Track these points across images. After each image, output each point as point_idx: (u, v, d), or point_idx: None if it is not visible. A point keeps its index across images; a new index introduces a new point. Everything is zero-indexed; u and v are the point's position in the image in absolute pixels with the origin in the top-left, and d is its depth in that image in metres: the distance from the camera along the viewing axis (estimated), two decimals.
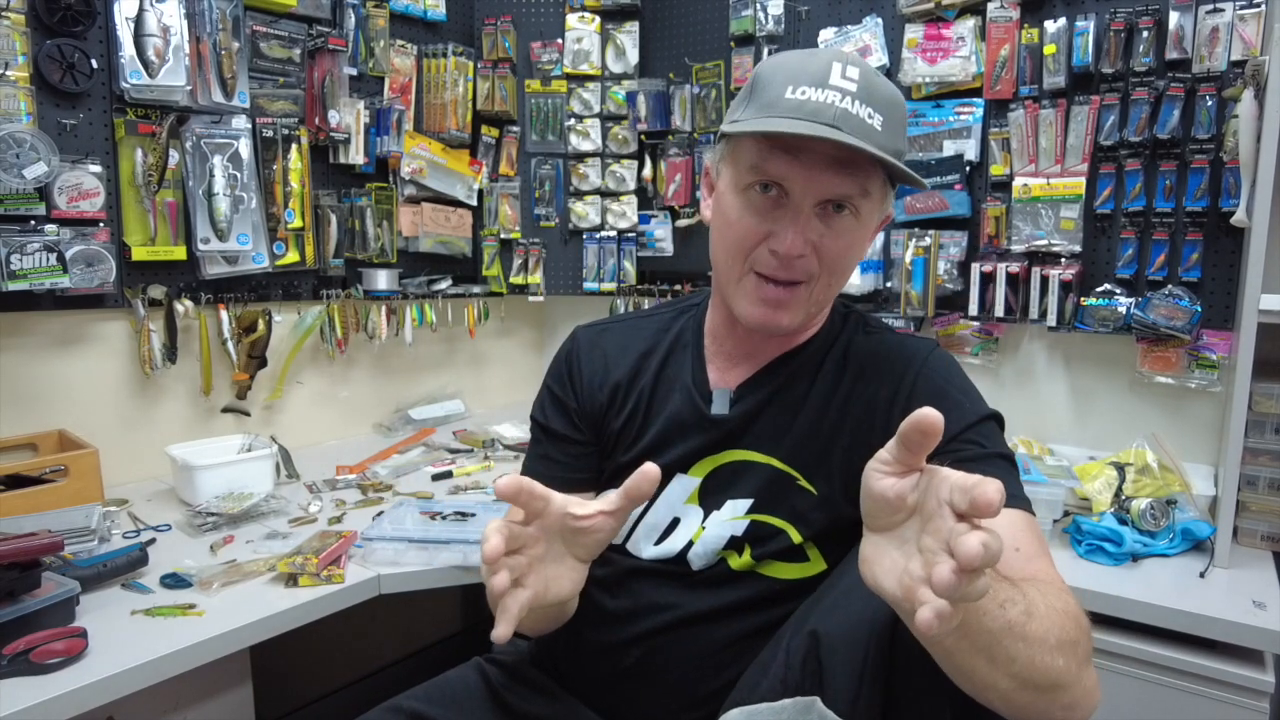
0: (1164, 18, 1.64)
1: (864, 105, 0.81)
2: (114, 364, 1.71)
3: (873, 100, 0.82)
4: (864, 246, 0.92)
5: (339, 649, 1.99)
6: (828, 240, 0.86)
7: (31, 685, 0.95)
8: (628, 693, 0.98)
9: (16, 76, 1.48)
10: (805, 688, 0.75)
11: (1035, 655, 0.64)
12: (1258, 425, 1.42)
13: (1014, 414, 1.87)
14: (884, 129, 0.82)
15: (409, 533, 1.33)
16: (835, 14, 2.04)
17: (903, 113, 0.87)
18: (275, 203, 1.86)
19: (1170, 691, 1.24)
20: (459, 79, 2.21)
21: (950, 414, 0.82)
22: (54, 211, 1.53)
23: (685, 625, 0.95)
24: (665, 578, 0.98)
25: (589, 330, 1.10)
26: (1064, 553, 1.44)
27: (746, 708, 0.79)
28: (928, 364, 0.91)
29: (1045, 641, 0.64)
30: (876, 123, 0.82)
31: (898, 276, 1.96)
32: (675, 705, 0.95)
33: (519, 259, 2.39)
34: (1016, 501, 0.81)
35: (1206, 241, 1.65)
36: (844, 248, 0.87)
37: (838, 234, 0.86)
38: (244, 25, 1.78)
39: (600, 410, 1.04)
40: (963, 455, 0.83)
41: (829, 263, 0.87)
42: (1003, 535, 0.71)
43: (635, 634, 0.97)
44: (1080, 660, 0.67)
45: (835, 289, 0.92)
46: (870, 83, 0.83)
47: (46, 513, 1.32)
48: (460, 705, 1.01)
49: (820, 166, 0.83)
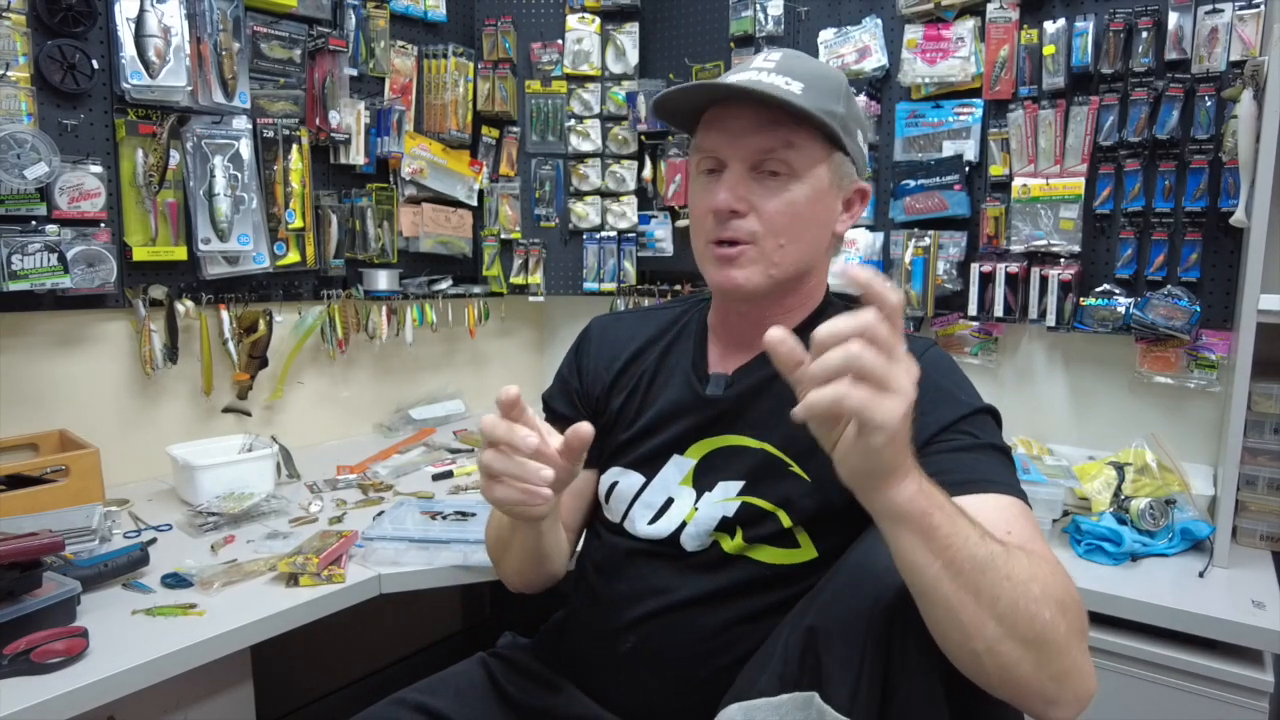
0: (1163, 18, 1.64)
1: (780, 75, 0.90)
2: (115, 364, 1.71)
3: (791, 72, 0.90)
4: (811, 208, 0.94)
5: (339, 649, 2.00)
6: (764, 200, 0.92)
7: (32, 685, 0.95)
8: (625, 679, 1.00)
9: (17, 77, 1.49)
10: (803, 683, 0.76)
11: (1020, 598, 0.65)
12: (1257, 425, 1.43)
13: (1013, 414, 1.89)
14: (804, 93, 0.89)
15: (409, 533, 1.33)
16: (835, 14, 2.04)
17: (832, 84, 0.94)
18: (276, 203, 1.87)
19: (1170, 691, 1.24)
20: (459, 79, 2.22)
21: (943, 406, 0.86)
22: (55, 212, 1.53)
23: (679, 610, 0.97)
24: (661, 561, 1.00)
25: (603, 319, 1.19)
26: (1063, 552, 1.44)
27: (745, 703, 0.79)
28: (923, 358, 0.90)
29: (1029, 587, 0.65)
30: (795, 88, 0.89)
31: (897, 276, 1.97)
32: (670, 691, 0.96)
33: (519, 259, 2.39)
34: (1010, 489, 0.82)
35: (1206, 241, 1.65)
36: (782, 205, 0.92)
37: (773, 193, 0.92)
38: (245, 26, 1.78)
39: (603, 390, 1.10)
40: (955, 445, 0.85)
41: (768, 221, 0.93)
42: (994, 520, 0.74)
43: (631, 619, 0.98)
44: (1070, 625, 0.67)
45: (791, 252, 0.94)
46: (792, 61, 0.92)
47: (47, 513, 1.32)
48: (464, 698, 1.03)
49: (745, 131, 0.91)
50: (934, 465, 0.78)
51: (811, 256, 0.97)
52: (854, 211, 0.99)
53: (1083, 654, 0.69)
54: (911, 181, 1.92)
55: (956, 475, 0.80)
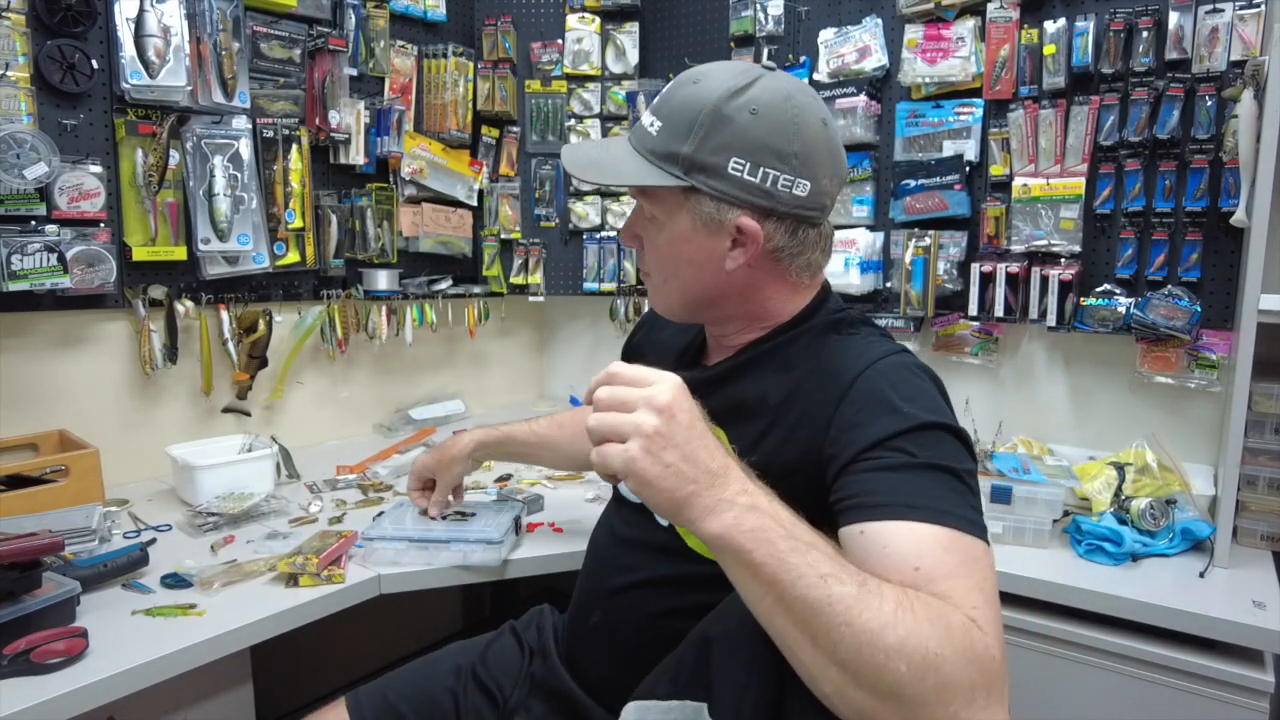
0: (1164, 18, 1.64)
1: (651, 113, 0.92)
2: (115, 364, 1.71)
3: (660, 108, 0.91)
4: (677, 250, 0.92)
5: (339, 649, 2.00)
6: (646, 240, 0.96)
7: (32, 685, 0.95)
8: (589, 653, 1.05)
9: (17, 77, 1.49)
10: (695, 693, 0.75)
11: (864, 646, 0.60)
12: (1257, 425, 1.42)
13: (1014, 414, 1.91)
14: (659, 133, 0.90)
15: (409, 533, 1.33)
16: (835, 14, 2.04)
17: (688, 117, 0.87)
18: (276, 203, 1.87)
19: (1170, 691, 1.24)
20: (459, 79, 2.22)
21: (879, 419, 0.79)
22: (55, 212, 1.53)
23: (634, 590, 1.00)
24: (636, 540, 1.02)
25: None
26: (1064, 553, 1.44)
27: (639, 703, 0.80)
28: (877, 367, 0.85)
29: (881, 636, 0.60)
30: (654, 128, 0.90)
31: (897, 276, 1.97)
32: (618, 670, 0.98)
33: (519, 259, 2.39)
34: (939, 517, 0.71)
35: (1206, 241, 1.65)
36: (653, 248, 0.95)
37: (649, 236, 0.95)
38: (244, 26, 1.78)
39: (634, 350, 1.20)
40: (882, 463, 0.76)
41: (650, 259, 0.97)
42: (904, 552, 0.68)
43: (600, 593, 1.04)
44: (943, 684, 0.59)
45: (675, 286, 0.96)
46: (668, 94, 0.91)
47: (47, 513, 1.32)
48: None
49: None
50: (853, 486, 0.76)
51: (700, 291, 0.94)
52: (749, 249, 0.89)
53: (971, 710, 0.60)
54: (912, 181, 1.92)
55: (872, 498, 0.73)
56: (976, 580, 0.68)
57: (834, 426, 0.82)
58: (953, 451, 0.78)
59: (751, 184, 0.87)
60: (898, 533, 0.70)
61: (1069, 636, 1.31)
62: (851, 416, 0.81)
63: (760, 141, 0.86)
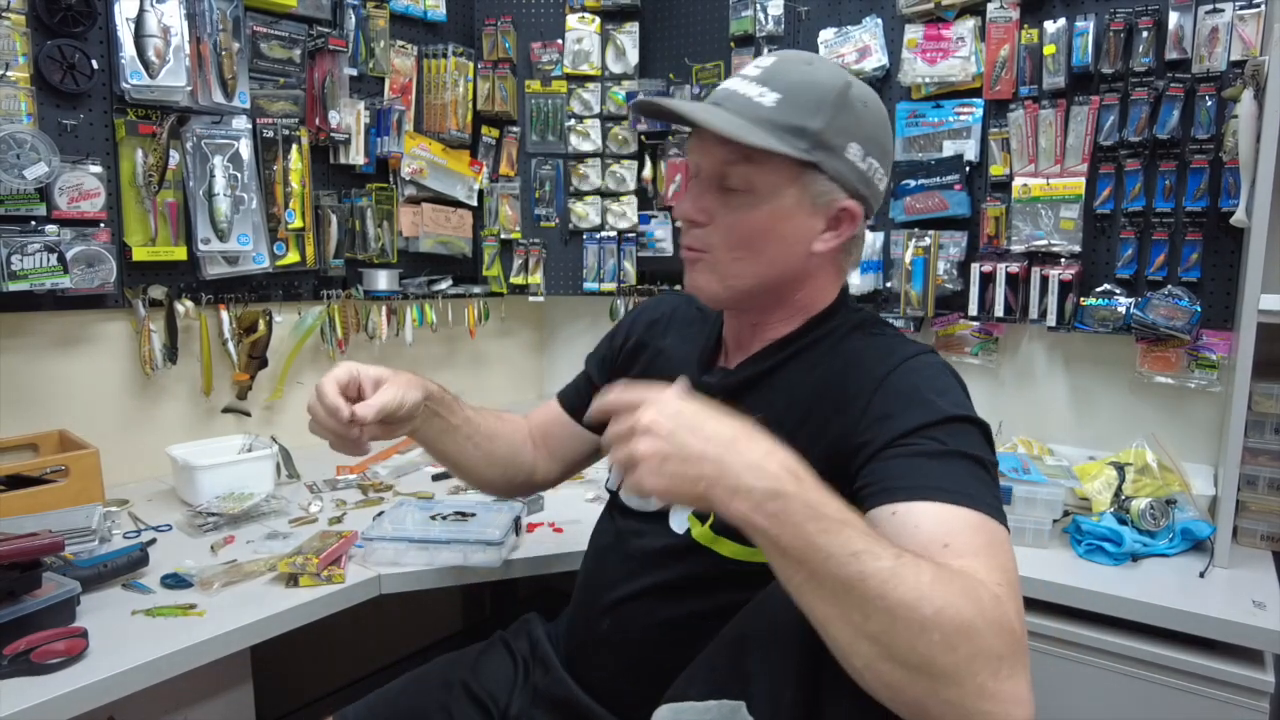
0: (1163, 18, 1.64)
1: (758, 85, 0.89)
2: (114, 364, 1.71)
3: (772, 81, 0.89)
4: (770, 225, 0.91)
5: (339, 649, 2.00)
6: (723, 213, 0.92)
7: (32, 685, 0.95)
8: (600, 662, 1.03)
9: (17, 77, 1.49)
10: (732, 691, 0.75)
11: (896, 622, 0.61)
12: (1257, 425, 1.42)
13: (1014, 414, 1.90)
14: (778, 105, 0.87)
15: (409, 533, 1.33)
16: (835, 14, 2.04)
17: (815, 95, 0.88)
18: (276, 203, 1.87)
19: (1170, 691, 1.24)
20: (459, 79, 2.22)
21: (914, 410, 0.83)
22: (54, 212, 1.53)
23: (645, 596, 0.99)
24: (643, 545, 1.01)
25: (673, 296, 1.21)
26: (1064, 553, 1.44)
27: (674, 705, 0.80)
28: (907, 363, 0.89)
29: (916, 609, 0.61)
30: (768, 100, 0.88)
31: (897, 276, 1.97)
32: (633, 679, 0.98)
33: (519, 259, 2.39)
34: (966, 500, 0.75)
35: (1206, 241, 1.65)
36: (738, 221, 0.92)
37: (732, 208, 0.92)
38: (244, 26, 1.78)
39: (626, 356, 1.17)
40: (915, 449, 0.80)
41: (723, 234, 0.93)
42: (932, 532, 0.72)
43: (609, 601, 1.01)
44: (972, 653, 0.61)
45: (748, 266, 0.93)
46: (778, 69, 0.90)
47: (47, 513, 1.32)
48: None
49: (711, 142, 0.90)
50: (886, 470, 0.78)
51: (777, 273, 0.94)
52: (841, 231, 0.93)
53: (997, 681, 0.62)
54: (912, 181, 1.92)
55: (905, 481, 0.77)
56: (1000, 560, 0.71)
57: (866, 417, 0.84)
58: (979, 444, 0.83)
59: (861, 171, 0.91)
60: (928, 512, 0.74)
61: (1069, 636, 1.31)
62: (883, 407, 0.84)
63: (872, 134, 0.91)
